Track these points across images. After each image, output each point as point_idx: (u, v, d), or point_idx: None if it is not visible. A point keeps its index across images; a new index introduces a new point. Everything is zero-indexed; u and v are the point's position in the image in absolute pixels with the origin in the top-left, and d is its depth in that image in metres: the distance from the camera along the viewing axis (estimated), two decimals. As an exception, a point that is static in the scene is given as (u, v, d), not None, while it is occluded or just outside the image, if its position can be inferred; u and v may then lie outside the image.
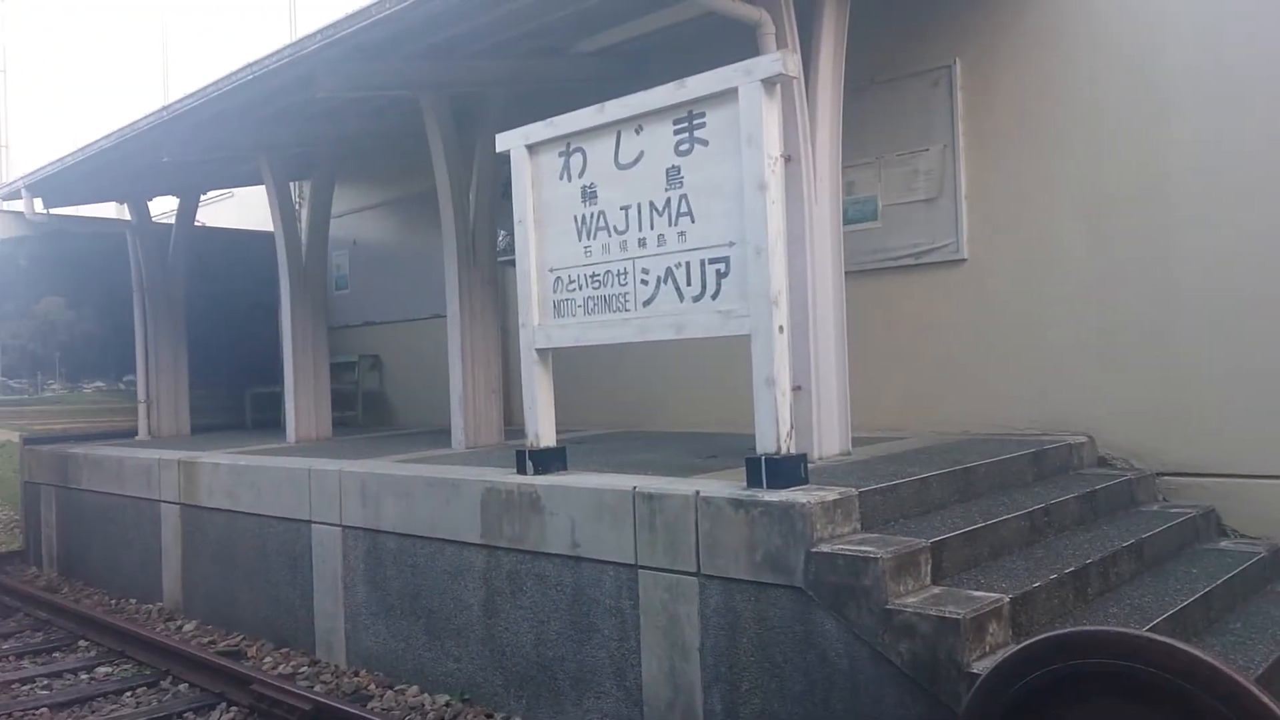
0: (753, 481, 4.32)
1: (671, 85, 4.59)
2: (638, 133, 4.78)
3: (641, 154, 4.77)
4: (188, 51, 13.49)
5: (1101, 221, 6.02)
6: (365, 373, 11.03)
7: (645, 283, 4.75)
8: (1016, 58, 6.34)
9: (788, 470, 4.28)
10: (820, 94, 5.37)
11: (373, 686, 5.77)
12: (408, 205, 10.49)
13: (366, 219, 11.10)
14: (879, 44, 6.71)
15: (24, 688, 6.16)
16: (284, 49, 6.72)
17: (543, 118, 5.25)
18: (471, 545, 5.35)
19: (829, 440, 5.35)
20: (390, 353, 10.99)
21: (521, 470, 5.25)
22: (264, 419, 11.15)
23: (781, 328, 4.28)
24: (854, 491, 4.28)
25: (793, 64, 4.43)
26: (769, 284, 4.25)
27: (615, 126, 4.87)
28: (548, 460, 5.24)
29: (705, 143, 4.52)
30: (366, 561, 6.01)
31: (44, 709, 5.68)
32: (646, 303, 4.76)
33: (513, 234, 5.38)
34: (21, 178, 10.17)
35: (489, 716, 5.18)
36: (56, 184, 9.88)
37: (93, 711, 5.68)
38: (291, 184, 9.88)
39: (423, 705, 5.40)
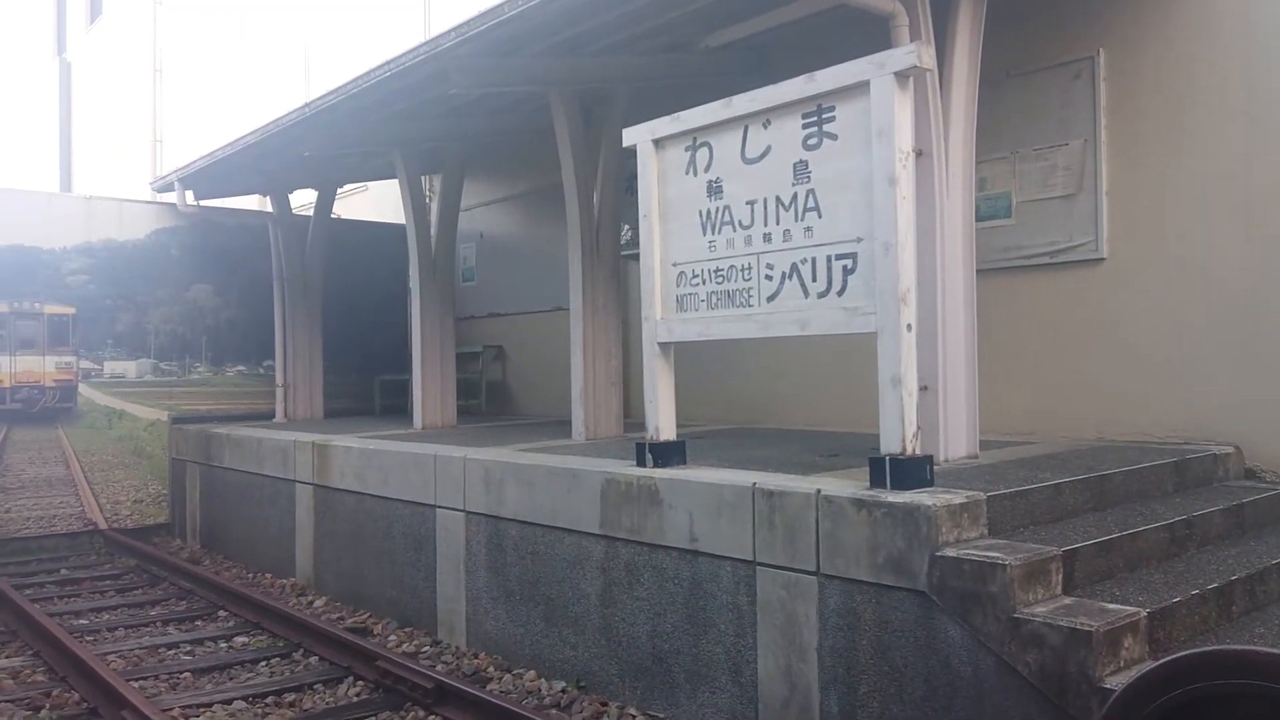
0: (876, 482, 4.25)
1: (801, 79, 4.54)
2: (765, 127, 4.75)
3: (769, 148, 4.74)
4: (327, 51, 14.02)
5: (1253, 221, 5.69)
6: (489, 363, 11.28)
7: (770, 278, 4.72)
8: (1164, 49, 6.05)
9: (913, 471, 4.19)
10: (954, 87, 5.24)
11: (491, 669, 5.90)
12: (533, 199, 10.68)
13: (493, 212, 11.34)
14: (1016, 35, 6.50)
15: (170, 652, 6.52)
16: (420, 46, 6.92)
17: (666, 113, 5.27)
18: (590, 535, 5.42)
19: (955, 442, 5.22)
20: (513, 344, 11.21)
21: (641, 463, 5.29)
22: (391, 405, 11.52)
23: (909, 326, 4.19)
24: (982, 496, 4.17)
25: (927, 56, 4.33)
26: (897, 281, 4.17)
27: (742, 121, 4.86)
28: (667, 454, 5.27)
29: (834, 137, 4.46)
30: (488, 547, 6.16)
31: (187, 673, 6.00)
32: (770, 298, 4.73)
33: (635, 228, 5.42)
34: (174, 171, 10.78)
35: (604, 705, 5.23)
36: (206, 177, 10.43)
37: (230, 679, 5.98)
38: (422, 178, 10.17)
39: (539, 690, 5.50)
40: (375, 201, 12.93)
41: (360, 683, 5.76)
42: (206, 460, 9.95)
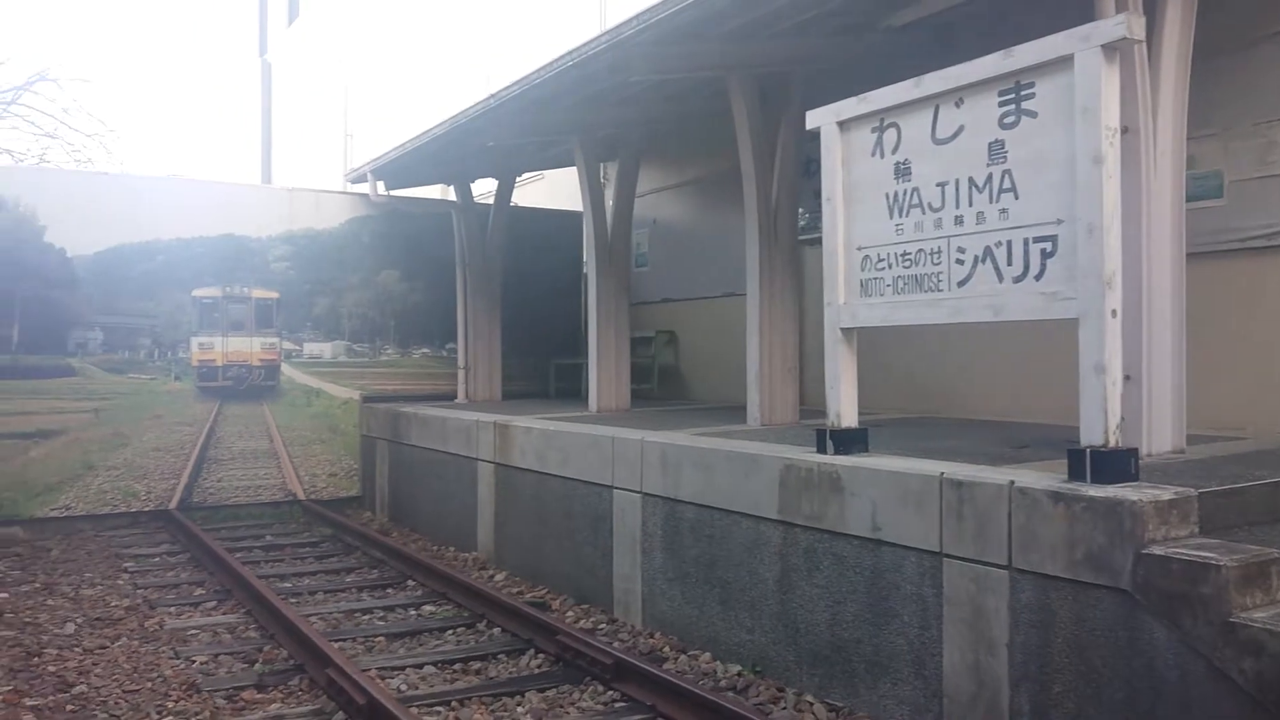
0: (1075, 474, 4.07)
1: (997, 55, 4.38)
2: (957, 106, 4.61)
3: (961, 128, 4.59)
4: (505, 46, 14.44)
5: None
6: (661, 348, 11.40)
7: (961, 262, 4.58)
8: None
9: (1116, 464, 3.99)
10: (1164, 60, 4.92)
11: (667, 649, 5.99)
12: (706, 185, 10.71)
13: (666, 198, 11.44)
14: (1232, 3, 6.05)
15: (364, 617, 6.92)
16: (601, 36, 7.04)
17: (842, 96, 5.19)
18: (768, 520, 5.41)
19: (1160, 435, 4.93)
20: (685, 329, 11.29)
21: (821, 449, 5.24)
22: (565, 388, 11.82)
23: (1114, 311, 3.99)
24: (1192, 492, 3.93)
25: (1137, 27, 4.09)
26: (1102, 264, 3.97)
27: (933, 100, 4.72)
28: (848, 441, 5.20)
29: (1033, 114, 4.28)
30: (664, 528, 6.24)
31: (381, 637, 6.35)
32: (961, 283, 4.59)
33: (812, 212, 5.36)
34: (367, 163, 11.36)
35: (780, 690, 5.23)
36: (395, 168, 10.96)
37: (420, 645, 6.28)
38: (599, 165, 10.35)
39: (714, 672, 5.55)
40: (551, 190, 13.27)
41: (541, 655, 5.94)
42: (394, 438, 10.48)
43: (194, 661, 5.84)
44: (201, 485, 10.56)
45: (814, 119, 5.35)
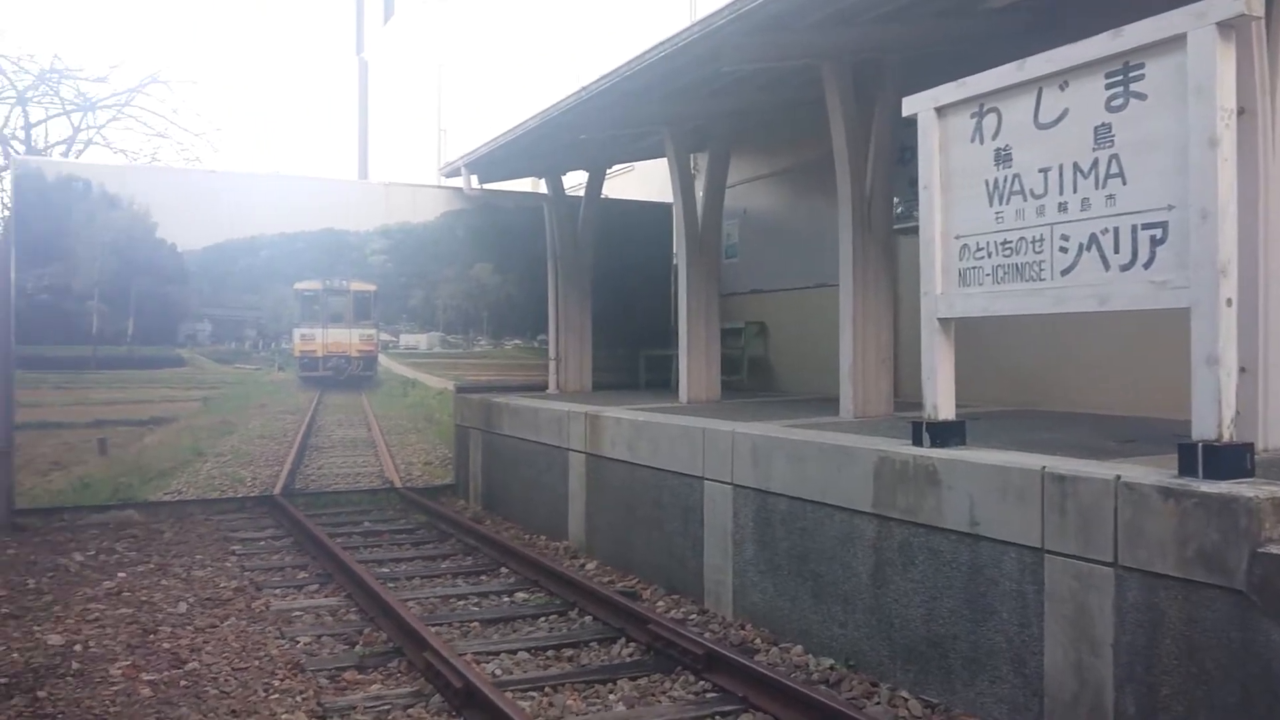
0: (1185, 470, 3.93)
1: (1105, 35, 4.24)
2: (1062, 89, 4.47)
3: (1065, 112, 4.46)
4: (598, 39, 14.51)
5: None
6: (751, 339, 11.35)
7: (1064, 250, 4.45)
8: None
9: (1230, 459, 3.84)
10: (1284, 35, 4.70)
11: (758, 641, 5.97)
12: (797, 175, 10.61)
13: (756, 189, 11.37)
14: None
15: (459, 602, 7.06)
16: (692, 26, 7.03)
17: (939, 81, 5.08)
18: (862, 513, 5.35)
19: (1276, 430, 4.73)
20: (776, 320, 11.21)
21: (917, 442, 5.16)
22: (655, 379, 11.86)
23: (1229, 301, 3.84)
24: (1314, 489, 3.75)
25: (1255, 3, 3.90)
26: (1216, 252, 3.82)
27: (1036, 84, 4.60)
28: (946, 433, 5.10)
29: (1142, 96, 4.13)
30: (755, 520, 6.22)
31: (476, 623, 6.48)
32: (1065, 271, 4.46)
33: (906, 201, 5.27)
34: (461, 157, 11.54)
35: (874, 685, 5.17)
36: (488, 162, 11.12)
37: (514, 631, 6.38)
38: (689, 156, 10.33)
39: (806, 665, 5.51)
40: (641, 182, 13.30)
41: (632, 644, 5.98)
42: (487, 427, 10.65)
43: (298, 642, 6.04)
44: (303, 472, 10.91)
45: (911, 105, 5.25)
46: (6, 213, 13.26)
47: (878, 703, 4.97)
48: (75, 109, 15.73)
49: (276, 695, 5.15)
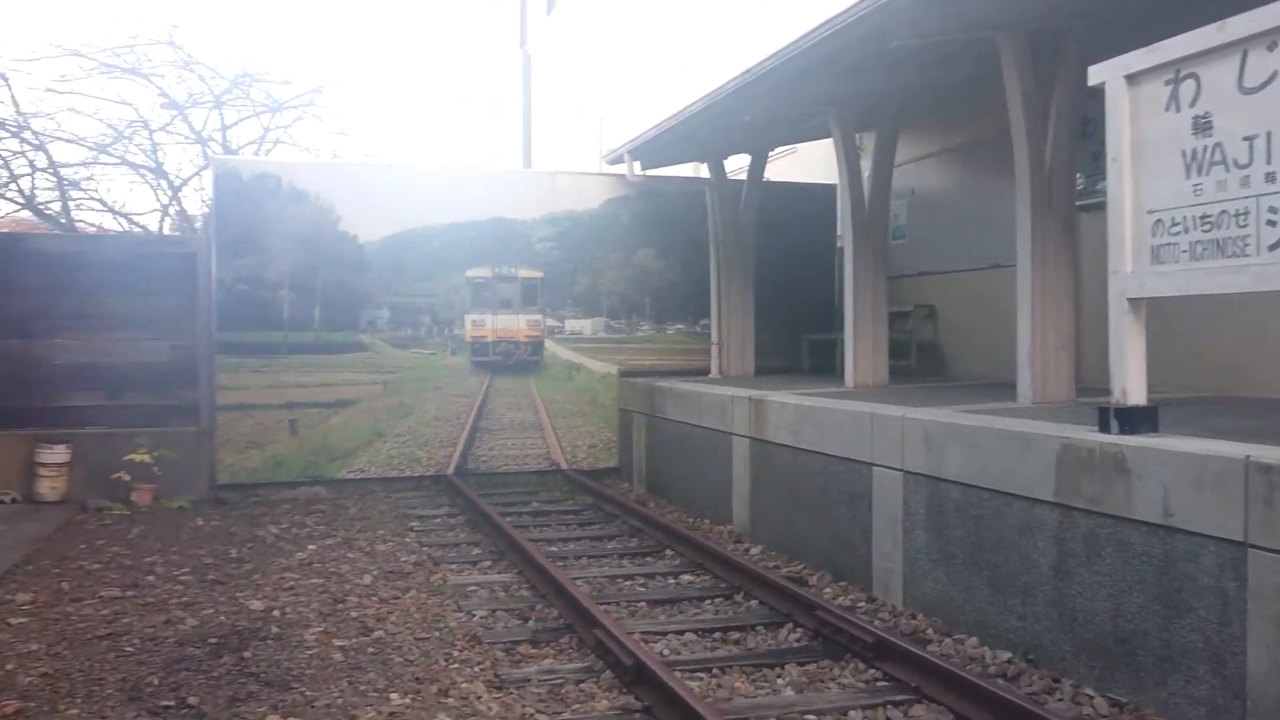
0: None
1: (1321, -11, 3.91)
2: (1270, 50, 4.15)
3: (1275, 74, 4.14)
4: (760, 21, 14.37)
5: None
6: (920, 322, 11.05)
7: (1273, 224, 4.14)
8: None
9: None
10: None
11: (930, 631, 5.83)
12: (968, 152, 10.24)
13: (924, 168, 11.03)
14: None
15: (626, 583, 7.18)
16: (861, 1, 6.86)
17: (1121, 51, 4.78)
18: (1042, 503, 5.13)
19: None
20: (946, 303, 10.88)
21: (1104, 428, 4.91)
22: (818, 364, 11.70)
23: None
24: None
25: None
26: None
27: (1240, 45, 4.28)
28: (1136, 420, 4.84)
29: (1366, 54, 3.79)
30: (927, 508, 6.06)
31: (643, 603, 6.57)
32: (1273, 247, 4.15)
33: (1089, 176, 5.00)
34: (624, 144, 11.68)
35: (1055, 681, 4.96)
36: (651, 148, 11.20)
37: (680, 612, 6.44)
38: (855, 136, 10.13)
39: (982, 658, 5.35)
40: (803, 164, 13.11)
41: (799, 629, 5.94)
42: (650, 411, 10.77)
43: (474, 615, 6.28)
44: (474, 453, 11.32)
45: (1097, 74, 4.98)
46: (206, 209, 14.23)
47: (1060, 699, 4.77)
48: (265, 110, 16.71)
49: (456, 665, 5.38)
